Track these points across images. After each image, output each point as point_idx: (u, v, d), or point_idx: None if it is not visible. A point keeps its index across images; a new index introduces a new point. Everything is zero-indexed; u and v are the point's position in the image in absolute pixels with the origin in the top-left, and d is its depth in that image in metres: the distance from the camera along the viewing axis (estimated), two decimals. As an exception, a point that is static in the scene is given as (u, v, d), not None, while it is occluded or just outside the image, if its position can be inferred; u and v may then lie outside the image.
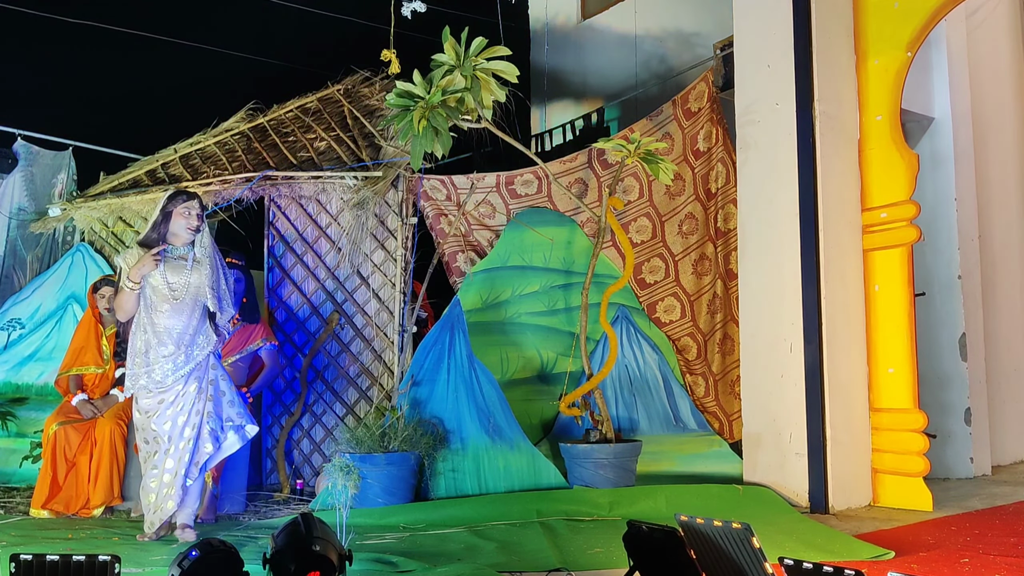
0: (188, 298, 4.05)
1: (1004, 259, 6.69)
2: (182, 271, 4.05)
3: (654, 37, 8.34)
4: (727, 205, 6.14)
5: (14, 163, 6.92)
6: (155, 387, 4.00)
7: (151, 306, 4.02)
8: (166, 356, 4.00)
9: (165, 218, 4.10)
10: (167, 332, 4.02)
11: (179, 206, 4.09)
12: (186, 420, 4.03)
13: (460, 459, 4.98)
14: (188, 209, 4.09)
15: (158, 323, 4.01)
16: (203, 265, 4.12)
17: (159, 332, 4.01)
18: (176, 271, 4.05)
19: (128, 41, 8.52)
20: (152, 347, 4.01)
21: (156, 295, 4.02)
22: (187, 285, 4.05)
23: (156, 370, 3.99)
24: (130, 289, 3.97)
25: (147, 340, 4.02)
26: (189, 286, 4.05)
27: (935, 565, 3.44)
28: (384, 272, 6.00)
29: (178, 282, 4.04)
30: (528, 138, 8.96)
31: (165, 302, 4.02)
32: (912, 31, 4.96)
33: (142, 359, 4.02)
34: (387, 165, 5.96)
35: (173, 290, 4.02)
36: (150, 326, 4.02)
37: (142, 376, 4.00)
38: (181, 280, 4.04)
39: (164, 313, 4.02)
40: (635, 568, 2.77)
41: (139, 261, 3.97)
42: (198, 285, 4.07)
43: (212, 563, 2.44)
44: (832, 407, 4.79)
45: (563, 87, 9.37)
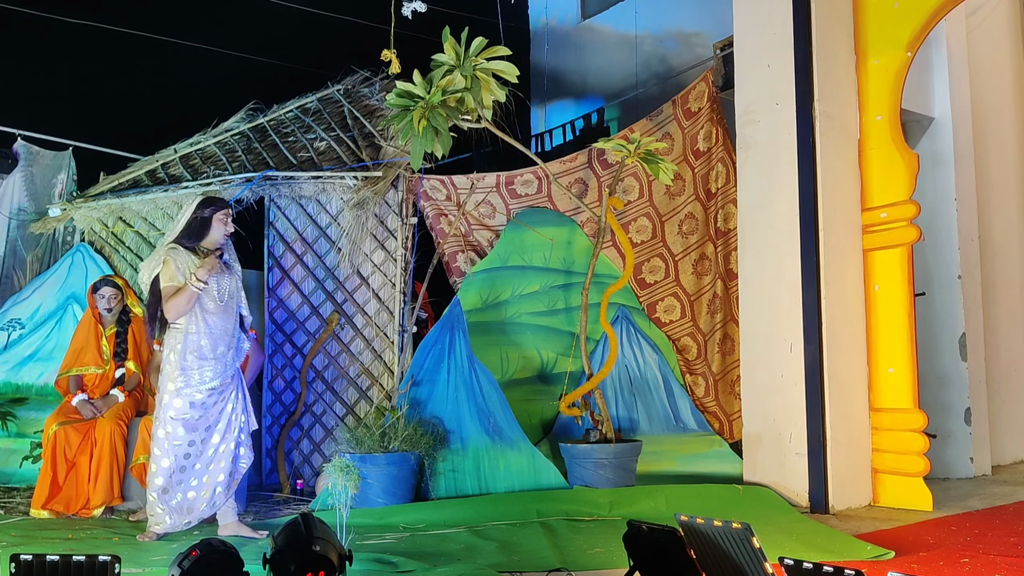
0: (229, 301, 4.19)
1: (1004, 259, 6.69)
2: (223, 275, 4.19)
3: (654, 37, 8.34)
4: (727, 205, 6.14)
5: (14, 163, 6.92)
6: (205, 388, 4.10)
7: (203, 307, 4.12)
8: (218, 356, 4.13)
9: (203, 224, 4.19)
10: (220, 333, 4.14)
11: (218, 212, 4.21)
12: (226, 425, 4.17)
13: (460, 459, 4.98)
14: (226, 216, 4.23)
15: (212, 325, 4.13)
16: (234, 270, 4.30)
17: (213, 333, 4.13)
18: (219, 275, 4.17)
19: (128, 41, 8.52)
20: (205, 347, 4.11)
21: (206, 296, 4.12)
22: (228, 288, 4.19)
23: (208, 370, 4.09)
24: (197, 289, 4.03)
25: (198, 341, 4.10)
26: (229, 289, 4.19)
27: (935, 565, 3.45)
28: (384, 272, 6.00)
29: (221, 285, 4.17)
30: (528, 138, 8.97)
31: (212, 303, 4.14)
32: (912, 31, 4.96)
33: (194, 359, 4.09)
34: (387, 165, 5.96)
35: (220, 292, 4.15)
36: (205, 327, 4.12)
37: (195, 375, 4.08)
38: (224, 283, 4.18)
39: (214, 315, 4.14)
40: (635, 568, 2.77)
41: (204, 262, 4.07)
42: (234, 289, 4.23)
43: (212, 563, 2.44)
44: (832, 407, 4.79)
45: (563, 87, 9.37)
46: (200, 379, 4.07)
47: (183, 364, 4.07)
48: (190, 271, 4.03)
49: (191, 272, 4.03)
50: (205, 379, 4.08)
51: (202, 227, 4.17)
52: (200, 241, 4.17)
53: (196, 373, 4.07)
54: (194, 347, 4.08)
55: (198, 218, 4.18)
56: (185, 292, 4.03)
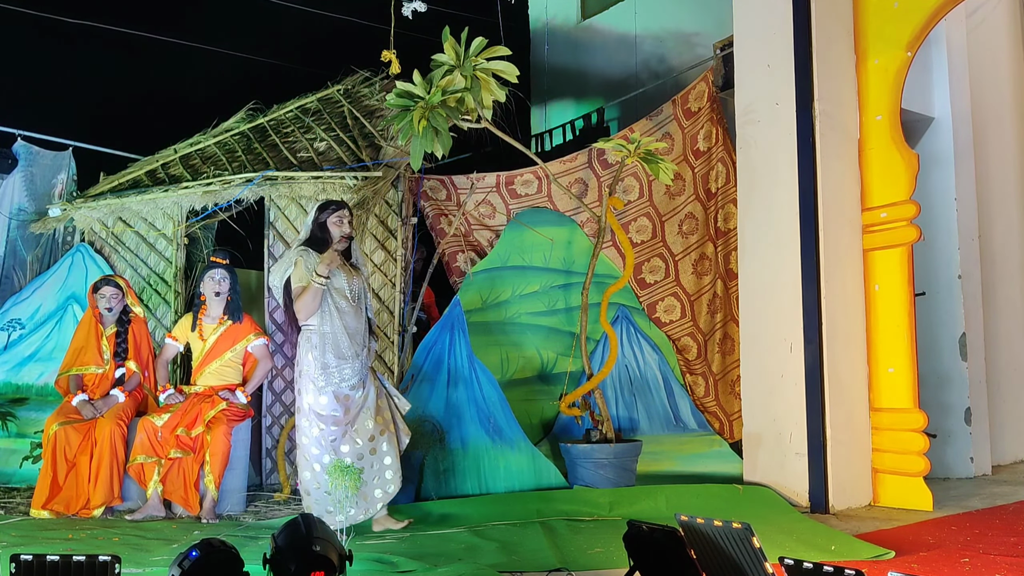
0: (359, 302, 4.25)
1: (1004, 259, 6.69)
2: (353, 276, 4.25)
3: (654, 37, 8.34)
4: (727, 205, 6.14)
5: (14, 163, 6.91)
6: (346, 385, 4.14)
7: (338, 307, 4.18)
8: (354, 355, 4.17)
9: (321, 228, 4.27)
10: (354, 332, 4.19)
11: (332, 215, 4.26)
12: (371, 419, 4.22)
13: (460, 459, 4.98)
14: (340, 218, 4.27)
15: (347, 324, 4.17)
16: (362, 272, 4.37)
17: (348, 332, 4.17)
18: (350, 275, 4.23)
19: (128, 41, 8.52)
20: (343, 346, 4.15)
21: (339, 295, 4.17)
22: (358, 289, 4.25)
23: (346, 368, 4.14)
24: (320, 285, 4.08)
25: (336, 340, 4.15)
26: (359, 289, 4.25)
27: (935, 565, 3.45)
28: (384, 272, 6.00)
29: (352, 285, 4.23)
30: (528, 138, 8.96)
31: (345, 302, 4.19)
32: (912, 31, 4.96)
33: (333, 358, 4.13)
34: (387, 165, 5.96)
35: (352, 292, 4.21)
36: (341, 325, 4.16)
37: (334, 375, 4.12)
38: (355, 284, 4.25)
39: (348, 313, 4.19)
40: (635, 568, 2.77)
41: (322, 258, 4.10)
42: (362, 290, 4.29)
43: (212, 563, 2.43)
44: (832, 407, 4.79)
45: (563, 87, 9.37)
46: (340, 377, 4.12)
47: (324, 362, 4.12)
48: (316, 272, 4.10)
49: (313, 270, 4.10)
50: (345, 377, 4.13)
51: (321, 231, 4.25)
52: (324, 245, 4.23)
53: (336, 372, 4.12)
54: (332, 346, 4.14)
55: (316, 223, 4.27)
56: (310, 290, 4.09)
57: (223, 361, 5.25)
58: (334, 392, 4.10)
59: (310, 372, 4.15)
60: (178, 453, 4.85)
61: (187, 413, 4.95)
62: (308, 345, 4.18)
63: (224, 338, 5.28)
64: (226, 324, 5.30)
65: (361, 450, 4.18)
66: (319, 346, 4.14)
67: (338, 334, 4.15)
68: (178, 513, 4.86)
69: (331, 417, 4.12)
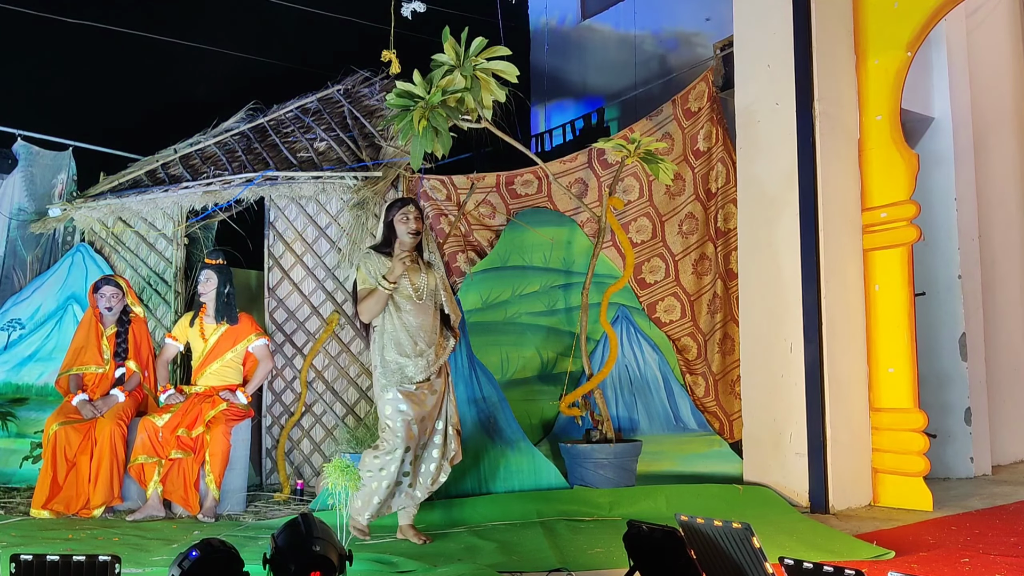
0: (428, 299, 4.17)
1: (1004, 259, 6.69)
2: (419, 274, 4.17)
3: (654, 37, 8.34)
4: (727, 205, 6.14)
5: (14, 163, 6.91)
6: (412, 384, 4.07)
7: (399, 306, 4.13)
8: (419, 354, 4.10)
9: (389, 228, 4.22)
10: (417, 329, 4.12)
11: (396, 213, 4.20)
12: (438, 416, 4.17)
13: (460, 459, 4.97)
14: (405, 215, 4.19)
15: (408, 321, 4.12)
16: (435, 267, 4.28)
17: (411, 331, 4.11)
18: (413, 273, 4.16)
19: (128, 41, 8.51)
20: (405, 344, 4.10)
21: (400, 295, 4.13)
22: (425, 286, 4.16)
23: (409, 366, 4.07)
24: (385, 289, 4.05)
25: (397, 338, 4.11)
26: (427, 287, 4.17)
27: (935, 565, 3.45)
28: (384, 272, 6.00)
29: (418, 283, 4.16)
30: (528, 138, 8.96)
31: (408, 302, 4.13)
32: (912, 31, 4.96)
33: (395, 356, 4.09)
34: (387, 165, 5.96)
35: (416, 290, 4.14)
36: (401, 325, 4.11)
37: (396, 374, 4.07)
38: (419, 281, 4.16)
39: (410, 312, 4.13)
40: (635, 568, 2.77)
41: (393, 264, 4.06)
42: (433, 287, 4.20)
43: (212, 563, 2.43)
44: (832, 407, 4.79)
45: (563, 87, 9.37)
46: (403, 376, 4.06)
47: (386, 360, 4.10)
48: (380, 273, 4.07)
49: (380, 275, 4.06)
50: (408, 375, 4.07)
51: (388, 231, 4.21)
52: (392, 244, 4.19)
53: (398, 370, 4.07)
54: (394, 344, 4.10)
55: (384, 223, 4.24)
56: (374, 294, 4.07)
57: (224, 361, 5.25)
58: (398, 389, 4.04)
59: (377, 371, 4.13)
60: (179, 454, 4.85)
61: (187, 413, 4.95)
62: (374, 343, 4.18)
63: (225, 338, 5.28)
64: (225, 324, 5.30)
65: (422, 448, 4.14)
66: (381, 344, 4.12)
67: (399, 332, 4.10)
68: (178, 513, 4.86)
69: (400, 416, 4.03)
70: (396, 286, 4.09)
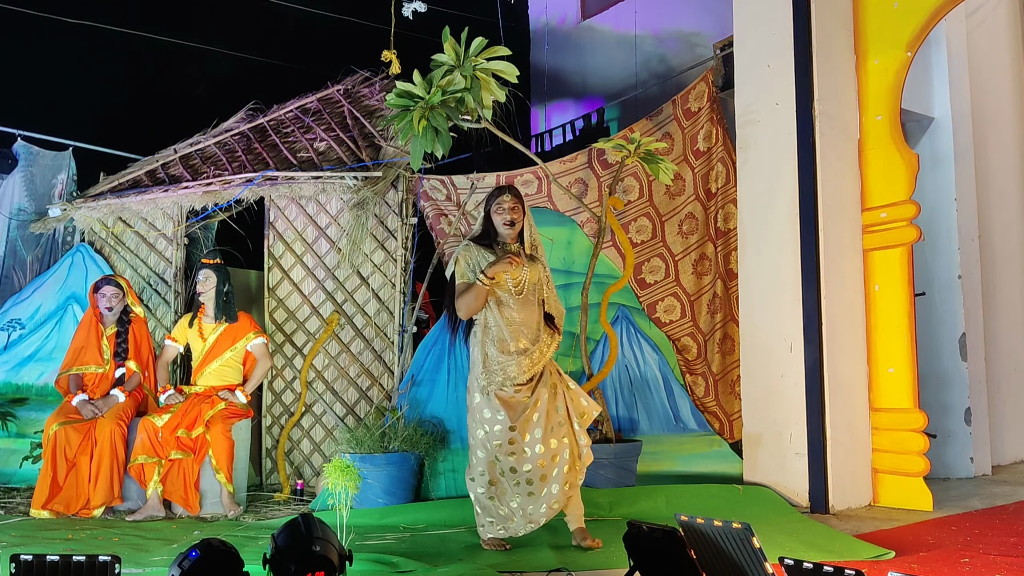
0: (530, 294, 3.94)
1: (1004, 259, 6.69)
2: (520, 267, 3.91)
3: (654, 37, 8.34)
4: (727, 205, 6.13)
5: (14, 163, 6.91)
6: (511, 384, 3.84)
7: (499, 301, 3.93)
8: (519, 351, 3.86)
9: (487, 218, 4.02)
10: (519, 326, 3.89)
11: (492, 203, 3.98)
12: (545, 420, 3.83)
13: (460, 459, 4.98)
14: (500, 205, 3.96)
15: (509, 318, 3.89)
16: (535, 261, 4.00)
17: (511, 327, 3.89)
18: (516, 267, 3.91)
19: (128, 41, 8.52)
20: (505, 342, 3.88)
21: (500, 289, 3.92)
22: (527, 280, 3.93)
23: (511, 365, 3.84)
24: (483, 284, 3.84)
25: (497, 336, 3.89)
26: (529, 281, 3.94)
27: (935, 565, 3.44)
28: (384, 272, 6.00)
29: (520, 277, 3.92)
30: (528, 138, 8.96)
31: (507, 295, 3.92)
32: (912, 31, 4.96)
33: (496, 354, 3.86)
34: (387, 165, 5.96)
35: (517, 284, 3.92)
36: (504, 322, 3.89)
37: (498, 374, 3.84)
38: (521, 275, 3.92)
39: (512, 308, 3.91)
40: (635, 568, 2.77)
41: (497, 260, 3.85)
42: (536, 281, 3.96)
43: (212, 563, 2.43)
44: (832, 407, 4.79)
45: (563, 87, 9.37)
46: (504, 376, 3.83)
47: (485, 360, 3.88)
48: (479, 267, 3.86)
49: (480, 268, 3.86)
50: (510, 375, 3.82)
51: (487, 222, 4.00)
52: (492, 237, 3.98)
53: (499, 370, 3.84)
54: (494, 341, 3.88)
55: (483, 213, 4.02)
56: (472, 289, 3.85)
57: (223, 360, 5.26)
58: (496, 392, 3.82)
59: (474, 369, 3.92)
60: (178, 454, 4.86)
61: (187, 413, 4.96)
62: (473, 340, 3.97)
63: (224, 337, 5.28)
64: (224, 323, 5.31)
65: (529, 460, 3.79)
66: (483, 342, 3.91)
67: (502, 329, 3.88)
68: (178, 513, 4.86)
69: (494, 419, 3.81)
70: (495, 281, 3.87)
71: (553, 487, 3.79)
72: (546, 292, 4.00)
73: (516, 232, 3.96)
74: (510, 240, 3.96)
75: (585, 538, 3.83)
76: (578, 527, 3.90)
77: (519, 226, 3.96)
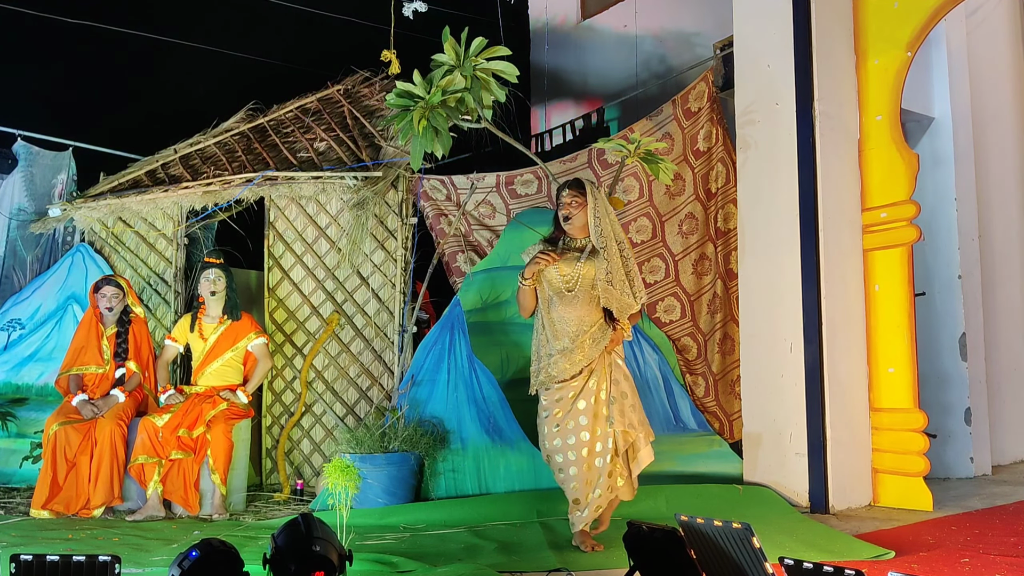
0: (581, 290, 3.88)
1: (1004, 259, 6.69)
2: (573, 263, 3.88)
3: (654, 37, 8.34)
4: (727, 205, 6.13)
5: (14, 163, 6.92)
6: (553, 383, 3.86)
7: (548, 298, 3.93)
8: (561, 350, 3.85)
9: (555, 214, 4.01)
10: (566, 323, 3.87)
11: (560, 198, 3.95)
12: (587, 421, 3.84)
13: (460, 459, 4.98)
14: (559, 200, 3.95)
15: (556, 316, 3.88)
16: (598, 257, 3.88)
17: (556, 325, 3.88)
18: (569, 263, 3.88)
19: (128, 41, 8.52)
20: (551, 339, 3.88)
21: (550, 288, 3.92)
22: (579, 275, 3.87)
23: (559, 361, 3.84)
24: (521, 285, 3.88)
25: (547, 330, 3.90)
26: (581, 278, 3.87)
27: (935, 565, 3.44)
28: (384, 272, 6.00)
29: (570, 274, 3.87)
30: (528, 138, 8.96)
31: (557, 294, 3.90)
32: (912, 31, 4.96)
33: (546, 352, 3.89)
34: (387, 165, 5.96)
35: (567, 280, 3.88)
36: (548, 320, 3.91)
37: (541, 372, 3.88)
38: (574, 270, 3.87)
39: (558, 305, 3.89)
40: (635, 568, 2.77)
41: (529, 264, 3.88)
42: (592, 276, 3.87)
43: (212, 563, 2.43)
44: (832, 407, 4.79)
45: (563, 87, 9.37)
46: (554, 370, 3.85)
47: (538, 353, 3.92)
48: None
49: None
50: (554, 373, 3.85)
51: (555, 218, 4.00)
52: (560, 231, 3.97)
53: (548, 365, 3.86)
54: (546, 337, 3.90)
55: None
56: (520, 289, 3.91)
57: (224, 361, 5.26)
58: (545, 385, 3.87)
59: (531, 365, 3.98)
60: (179, 454, 4.86)
61: (188, 413, 4.96)
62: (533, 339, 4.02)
63: (224, 337, 5.29)
64: (226, 323, 5.31)
65: (572, 451, 3.84)
66: (535, 338, 3.96)
67: (550, 325, 3.89)
68: (178, 513, 4.86)
69: (546, 410, 3.87)
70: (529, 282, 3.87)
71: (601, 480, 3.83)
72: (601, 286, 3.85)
73: (577, 226, 3.92)
74: (575, 234, 3.93)
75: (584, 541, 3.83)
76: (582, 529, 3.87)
77: (577, 220, 3.91)
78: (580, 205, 3.91)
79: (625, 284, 3.87)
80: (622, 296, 3.85)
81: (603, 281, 3.84)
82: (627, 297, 3.87)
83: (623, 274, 3.87)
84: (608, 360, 3.90)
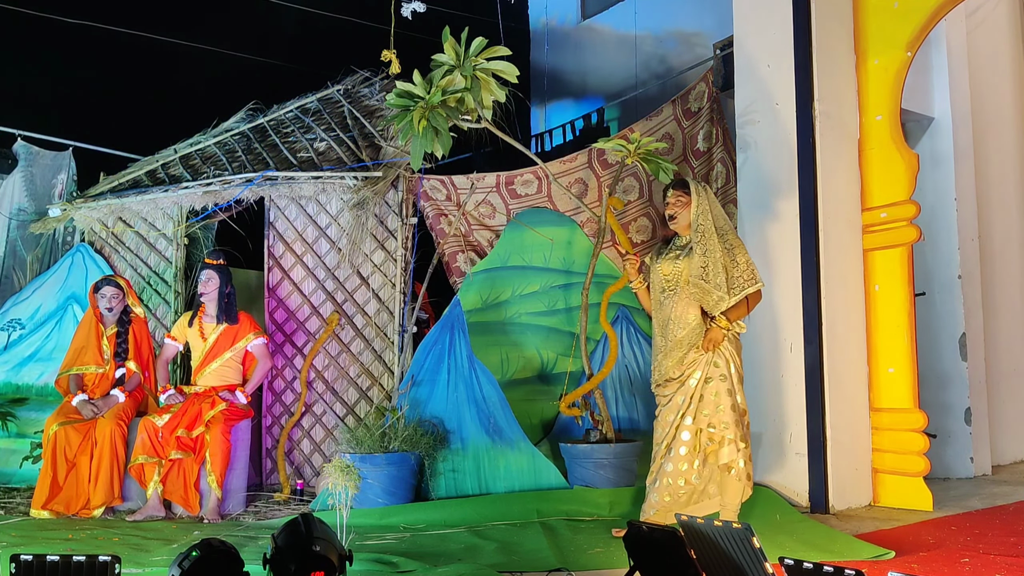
0: (677, 288, 3.95)
1: (1004, 259, 6.69)
2: (674, 261, 3.96)
3: (654, 37, 8.34)
4: (727, 205, 6.13)
5: (14, 163, 6.92)
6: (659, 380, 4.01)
7: (656, 301, 4.04)
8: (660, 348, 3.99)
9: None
10: (664, 322, 3.98)
11: (665, 198, 4.02)
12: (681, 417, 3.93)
13: (460, 459, 4.98)
14: (667, 200, 4.03)
15: (657, 315, 4.02)
16: (693, 253, 3.94)
17: (659, 324, 4.01)
18: (670, 262, 3.98)
19: (128, 41, 8.52)
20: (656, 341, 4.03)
21: (655, 289, 4.03)
22: (674, 273, 3.95)
23: (662, 360, 3.98)
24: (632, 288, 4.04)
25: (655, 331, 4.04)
26: (678, 275, 3.94)
27: (935, 565, 3.45)
28: (384, 272, 6.00)
29: (671, 271, 3.96)
30: (528, 138, 8.97)
31: (661, 294, 3.99)
32: (912, 31, 4.96)
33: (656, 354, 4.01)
34: (387, 165, 5.96)
35: (667, 282, 3.98)
36: (655, 321, 4.02)
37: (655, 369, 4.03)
38: (667, 268, 3.97)
39: (658, 304, 4.00)
40: (635, 568, 2.77)
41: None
42: (690, 273, 3.92)
43: (212, 563, 2.43)
44: (832, 407, 4.79)
45: (563, 87, 9.37)
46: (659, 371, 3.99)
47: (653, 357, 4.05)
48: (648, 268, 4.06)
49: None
50: (663, 370, 3.98)
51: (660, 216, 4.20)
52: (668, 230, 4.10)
53: (657, 366, 4.02)
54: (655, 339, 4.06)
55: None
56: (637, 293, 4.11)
57: (223, 361, 5.26)
58: (656, 382, 4.00)
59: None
60: (178, 454, 4.86)
61: (187, 413, 4.96)
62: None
63: (224, 337, 5.28)
64: (225, 324, 5.31)
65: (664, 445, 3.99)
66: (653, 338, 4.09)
67: (656, 324, 4.01)
68: (178, 513, 4.86)
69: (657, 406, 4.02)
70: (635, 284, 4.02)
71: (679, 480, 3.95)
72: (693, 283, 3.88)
73: (682, 224, 4.00)
74: (681, 232, 4.01)
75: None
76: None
77: (682, 219, 3.97)
78: (684, 204, 3.98)
79: (722, 278, 3.86)
80: (711, 292, 3.86)
81: (695, 278, 3.88)
82: (716, 291, 3.85)
83: (720, 267, 3.87)
84: (708, 359, 3.94)
